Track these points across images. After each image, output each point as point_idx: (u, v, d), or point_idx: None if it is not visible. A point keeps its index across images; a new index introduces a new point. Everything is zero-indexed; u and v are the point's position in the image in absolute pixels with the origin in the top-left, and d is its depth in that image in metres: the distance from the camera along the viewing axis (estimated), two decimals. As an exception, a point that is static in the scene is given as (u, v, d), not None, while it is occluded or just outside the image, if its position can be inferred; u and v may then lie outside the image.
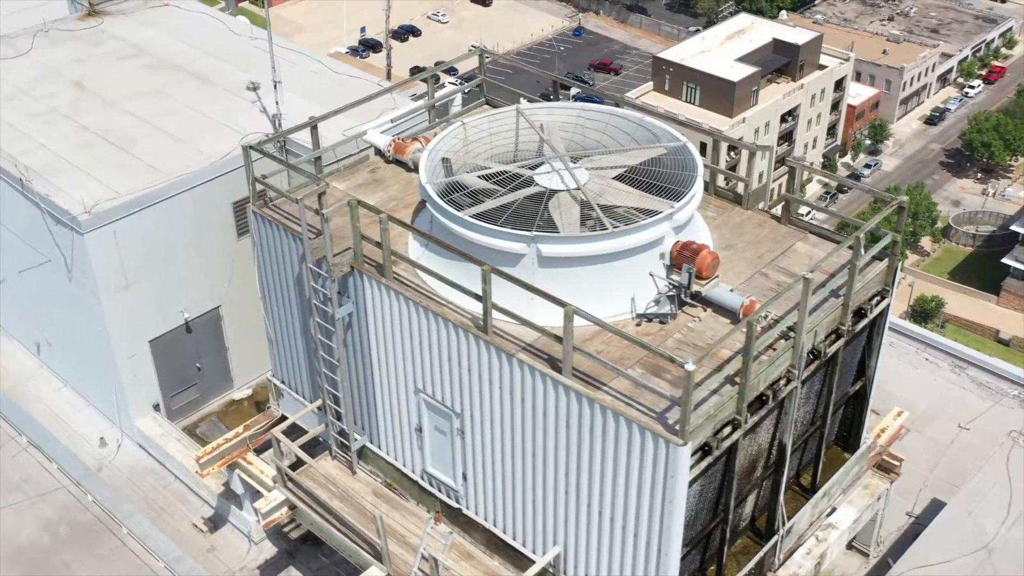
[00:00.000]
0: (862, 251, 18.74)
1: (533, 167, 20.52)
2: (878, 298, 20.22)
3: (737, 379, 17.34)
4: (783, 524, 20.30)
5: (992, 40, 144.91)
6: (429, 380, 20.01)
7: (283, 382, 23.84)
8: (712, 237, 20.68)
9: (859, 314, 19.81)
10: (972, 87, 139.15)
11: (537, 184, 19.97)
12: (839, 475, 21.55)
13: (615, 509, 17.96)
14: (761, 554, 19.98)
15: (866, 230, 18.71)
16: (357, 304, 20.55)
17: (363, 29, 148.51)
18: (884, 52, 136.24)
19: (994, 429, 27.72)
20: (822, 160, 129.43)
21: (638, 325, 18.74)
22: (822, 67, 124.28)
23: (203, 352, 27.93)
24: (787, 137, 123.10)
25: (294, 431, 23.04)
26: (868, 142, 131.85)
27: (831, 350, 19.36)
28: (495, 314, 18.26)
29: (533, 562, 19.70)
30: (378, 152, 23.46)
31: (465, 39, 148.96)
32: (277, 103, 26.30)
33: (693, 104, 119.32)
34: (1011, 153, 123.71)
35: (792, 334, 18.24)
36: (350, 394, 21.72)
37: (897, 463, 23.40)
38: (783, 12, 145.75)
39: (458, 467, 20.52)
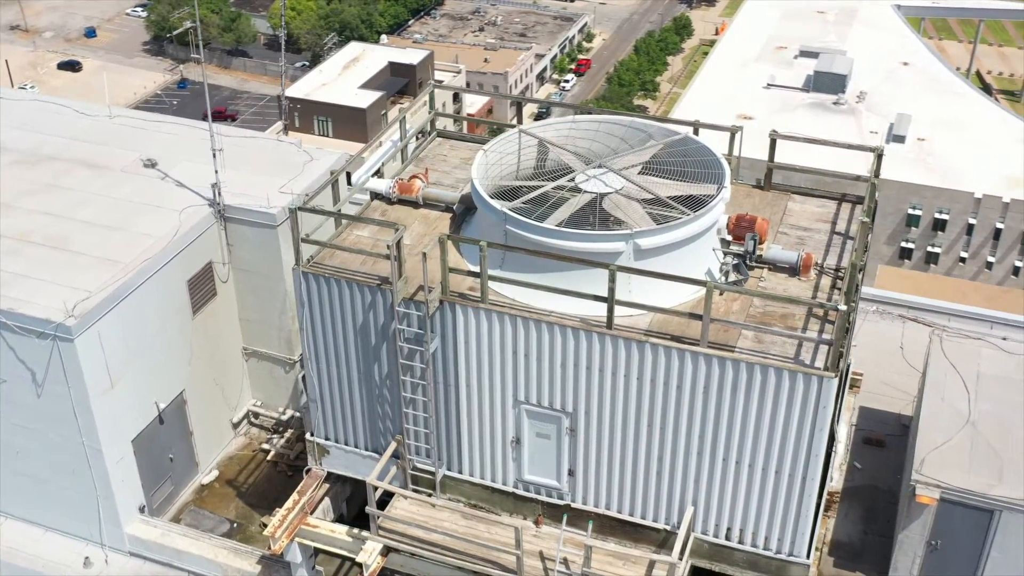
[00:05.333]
0: (869, 198, 22.31)
1: (564, 177, 22.22)
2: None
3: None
4: (834, 443, 23.46)
5: (573, 36, 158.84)
6: (534, 389, 21.18)
7: (327, 439, 23.70)
8: (720, 210, 23.37)
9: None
10: (567, 81, 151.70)
11: (585, 191, 21.73)
12: (846, 395, 25.08)
13: (755, 455, 20.25)
14: (831, 472, 23.05)
15: (868, 179, 22.29)
16: (444, 335, 21.24)
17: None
18: (486, 60, 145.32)
19: (872, 341, 32.58)
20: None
21: (721, 294, 21.06)
22: (438, 83, 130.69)
23: (173, 441, 26.72)
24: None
25: (338, 483, 23.45)
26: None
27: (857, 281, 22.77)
28: (591, 309, 20.05)
29: (655, 531, 21.57)
30: (377, 196, 24.01)
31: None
32: (216, 172, 25.77)
33: (328, 136, 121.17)
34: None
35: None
36: (434, 426, 22.27)
37: (859, 377, 27.41)
38: (383, 36, 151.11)
39: (563, 465, 21.82)
